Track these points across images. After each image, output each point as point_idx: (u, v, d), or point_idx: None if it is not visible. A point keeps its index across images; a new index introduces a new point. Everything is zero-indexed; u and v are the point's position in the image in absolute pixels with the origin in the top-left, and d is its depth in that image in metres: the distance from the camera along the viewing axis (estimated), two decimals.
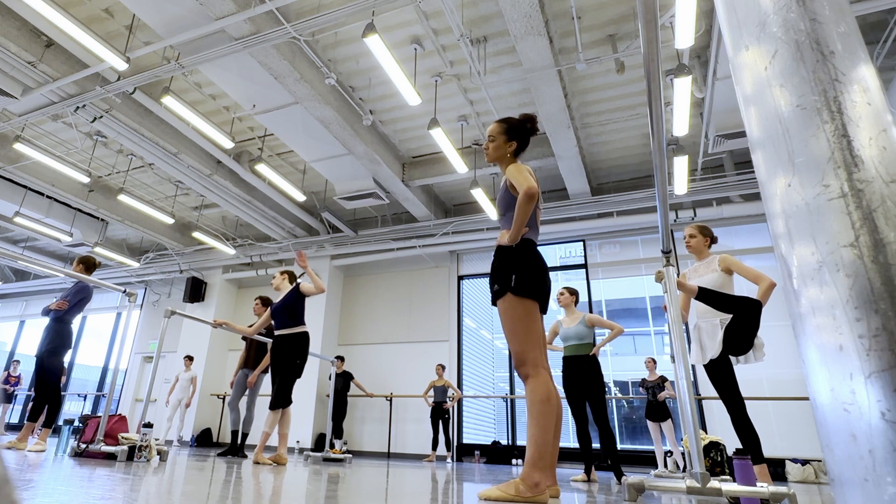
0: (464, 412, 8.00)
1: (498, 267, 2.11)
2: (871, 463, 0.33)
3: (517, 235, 2.05)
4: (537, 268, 2.08)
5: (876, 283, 0.35)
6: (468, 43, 4.83)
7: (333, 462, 4.98)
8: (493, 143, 2.30)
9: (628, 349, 9.03)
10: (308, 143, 6.49)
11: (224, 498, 1.53)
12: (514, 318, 2.01)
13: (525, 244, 2.11)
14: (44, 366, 4.12)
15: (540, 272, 2.08)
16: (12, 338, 12.91)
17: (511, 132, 2.29)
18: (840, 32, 0.41)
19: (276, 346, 4.17)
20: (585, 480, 3.87)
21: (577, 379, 4.11)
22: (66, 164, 6.81)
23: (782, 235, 0.43)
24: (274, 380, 4.11)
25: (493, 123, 2.35)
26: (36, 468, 2.29)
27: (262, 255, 9.50)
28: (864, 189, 0.37)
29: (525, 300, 2.02)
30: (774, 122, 0.43)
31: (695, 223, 3.11)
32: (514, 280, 2.03)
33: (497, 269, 2.11)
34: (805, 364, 0.40)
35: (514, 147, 2.29)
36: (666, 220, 2.36)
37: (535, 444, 1.82)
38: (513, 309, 2.02)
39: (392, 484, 2.49)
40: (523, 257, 2.08)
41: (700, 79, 5.44)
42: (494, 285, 2.09)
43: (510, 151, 2.29)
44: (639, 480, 2.12)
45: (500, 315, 2.07)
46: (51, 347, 4.13)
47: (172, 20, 4.68)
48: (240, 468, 3.16)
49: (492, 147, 2.30)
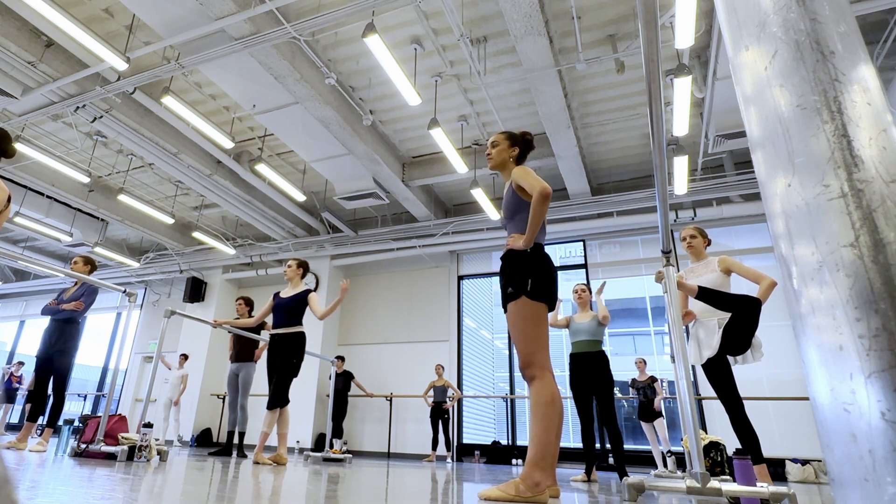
0: (464, 412, 8.00)
1: (513, 271, 2.12)
2: (871, 463, 0.33)
3: (532, 239, 2.08)
4: (550, 272, 2.13)
5: (876, 283, 0.35)
6: (468, 43, 4.83)
7: (333, 462, 4.98)
8: (497, 148, 2.34)
9: (628, 349, 9.03)
10: (308, 143, 6.49)
11: (224, 498, 1.53)
12: (525, 320, 2.04)
13: (537, 248, 2.15)
14: (53, 365, 4.12)
15: (552, 276, 2.14)
16: (12, 338, 12.91)
17: (513, 139, 2.36)
18: (840, 32, 0.41)
19: (273, 345, 4.17)
20: (585, 480, 3.86)
21: (586, 376, 4.07)
22: (66, 164, 6.81)
23: (782, 235, 0.43)
24: (270, 379, 4.11)
25: (495, 134, 2.41)
26: (36, 468, 2.29)
27: (262, 255, 9.50)
28: (865, 189, 0.37)
29: (538, 303, 2.06)
30: (774, 122, 0.43)
31: (693, 225, 3.12)
32: (530, 284, 2.05)
33: (512, 272, 2.12)
34: (805, 364, 0.40)
35: (517, 153, 2.34)
36: (666, 220, 2.36)
37: (538, 444, 1.84)
38: (526, 312, 2.04)
39: (392, 484, 2.49)
40: (538, 261, 2.12)
41: (700, 79, 5.43)
42: (509, 288, 2.10)
43: (513, 156, 2.33)
44: (639, 480, 2.12)
45: (511, 317, 2.09)
46: (62, 348, 4.13)
47: (172, 20, 4.68)
48: (239, 468, 3.16)
49: (495, 152, 2.35)
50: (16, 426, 11.58)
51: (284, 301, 4.20)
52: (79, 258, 4.39)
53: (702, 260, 3.05)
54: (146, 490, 1.66)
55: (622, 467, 3.82)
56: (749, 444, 2.59)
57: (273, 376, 4.09)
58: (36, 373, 4.15)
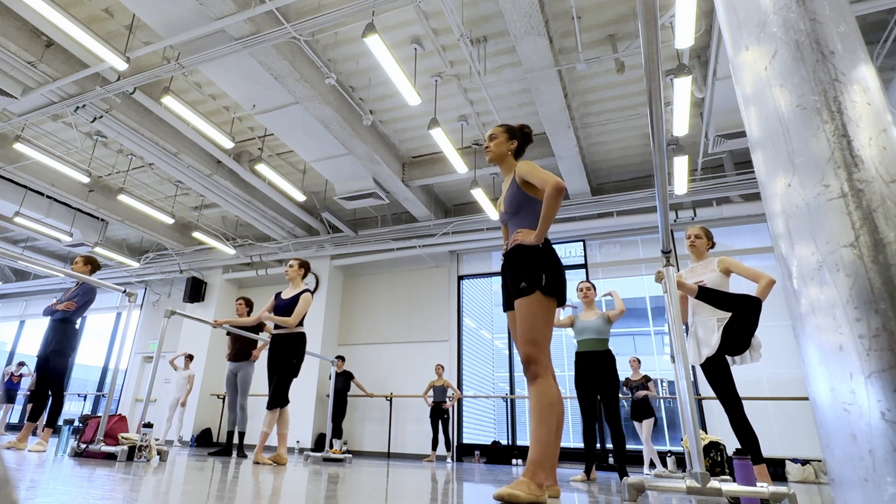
0: (464, 412, 8.00)
1: (525, 266, 2.08)
2: (871, 463, 0.33)
3: (545, 233, 2.05)
4: (560, 267, 2.12)
5: (876, 283, 0.35)
6: (468, 43, 4.83)
7: (333, 462, 4.98)
8: (495, 141, 2.32)
9: (628, 349, 9.02)
10: (308, 143, 6.49)
11: (223, 498, 1.53)
12: (536, 316, 2.01)
13: (547, 243, 2.13)
14: (49, 365, 4.12)
15: (563, 272, 2.13)
16: (12, 338, 12.91)
17: (511, 132, 2.33)
18: (840, 32, 0.41)
19: (273, 346, 4.17)
20: (585, 479, 3.85)
21: (591, 375, 4.04)
22: (66, 164, 6.81)
23: (782, 235, 0.43)
24: (270, 379, 4.12)
25: (493, 127, 2.39)
26: (36, 468, 2.29)
27: (262, 255, 9.50)
28: (864, 189, 0.37)
29: (551, 299, 2.04)
30: (774, 122, 0.43)
31: (697, 224, 3.13)
32: (544, 279, 2.03)
33: (522, 268, 2.08)
34: (805, 364, 0.40)
35: (515, 146, 2.32)
36: (666, 220, 2.36)
37: (542, 444, 1.82)
38: (538, 307, 2.01)
39: (392, 484, 2.49)
40: (549, 256, 2.10)
41: (700, 79, 5.44)
42: (522, 283, 2.05)
43: (511, 149, 2.31)
44: (639, 480, 2.12)
45: (522, 312, 2.03)
46: (57, 348, 4.12)
47: (172, 20, 4.68)
48: (238, 468, 3.16)
49: (493, 144, 2.32)
50: (16, 426, 11.58)
51: (284, 302, 4.21)
52: (80, 258, 4.39)
53: (702, 260, 3.06)
54: (145, 490, 1.66)
55: (623, 467, 3.82)
56: (748, 444, 2.59)
57: (273, 376, 4.10)
58: (36, 373, 4.16)
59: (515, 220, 2.20)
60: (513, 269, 2.13)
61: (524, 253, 2.11)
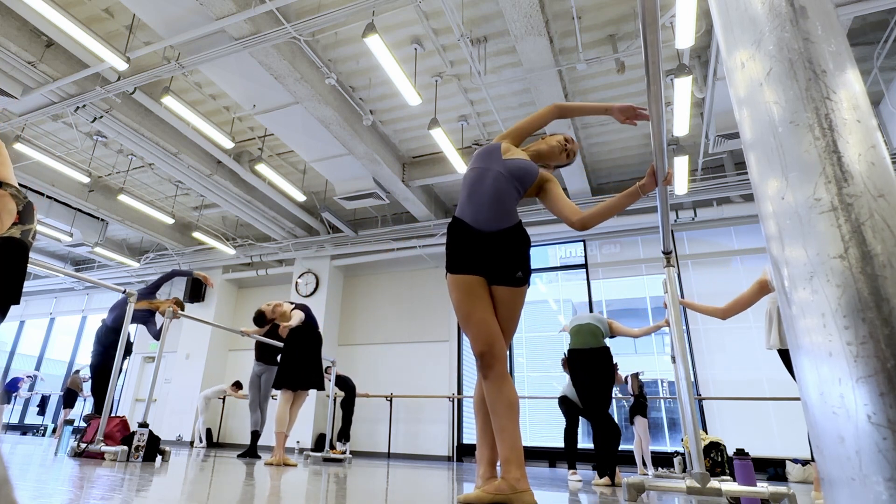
0: (464, 412, 8.02)
1: (527, 256, 1.91)
2: (858, 463, 0.35)
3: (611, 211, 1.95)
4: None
5: (864, 293, 0.37)
6: (468, 43, 4.84)
7: (333, 462, 5.00)
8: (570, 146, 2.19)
9: (628, 349, 9.05)
10: (308, 143, 6.50)
11: (223, 498, 1.55)
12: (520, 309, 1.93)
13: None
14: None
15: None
16: (12, 338, 12.92)
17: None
18: (831, 51, 0.43)
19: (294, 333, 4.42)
20: (609, 484, 3.53)
21: (593, 373, 3.77)
22: (66, 164, 6.81)
23: (775, 245, 0.45)
24: (284, 358, 4.22)
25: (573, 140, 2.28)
26: (36, 468, 2.30)
27: (262, 255, 9.51)
28: (854, 203, 0.39)
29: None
30: (769, 137, 0.45)
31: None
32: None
33: (527, 257, 1.91)
34: (797, 368, 0.42)
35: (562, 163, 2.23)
36: (666, 220, 2.38)
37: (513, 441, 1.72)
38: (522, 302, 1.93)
39: (392, 484, 2.51)
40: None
41: (700, 79, 5.45)
42: (519, 272, 1.87)
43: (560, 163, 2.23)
44: (639, 480, 2.14)
45: (516, 303, 1.88)
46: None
47: (172, 20, 4.69)
48: (238, 468, 3.18)
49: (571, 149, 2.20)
50: (16, 426, 11.60)
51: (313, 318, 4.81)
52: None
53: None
54: (146, 490, 1.68)
55: (613, 467, 3.69)
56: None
57: (286, 357, 4.27)
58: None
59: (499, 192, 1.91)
60: (514, 250, 1.89)
61: (528, 240, 1.93)
